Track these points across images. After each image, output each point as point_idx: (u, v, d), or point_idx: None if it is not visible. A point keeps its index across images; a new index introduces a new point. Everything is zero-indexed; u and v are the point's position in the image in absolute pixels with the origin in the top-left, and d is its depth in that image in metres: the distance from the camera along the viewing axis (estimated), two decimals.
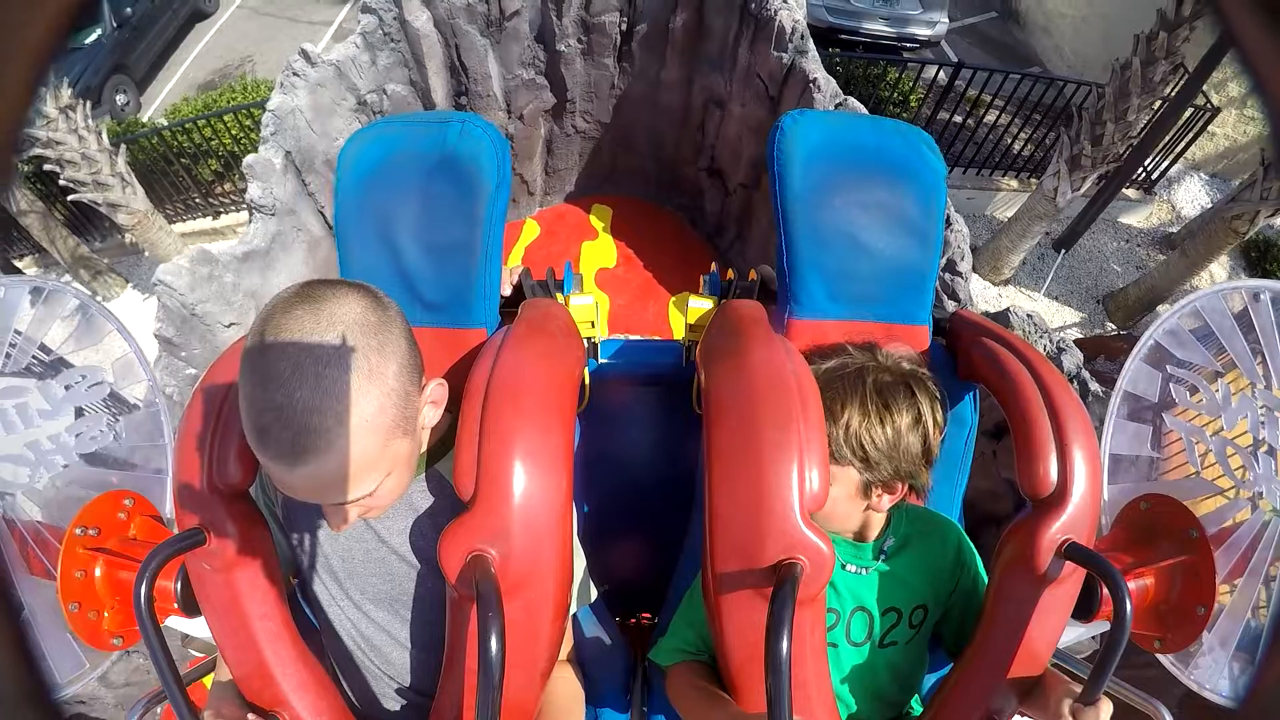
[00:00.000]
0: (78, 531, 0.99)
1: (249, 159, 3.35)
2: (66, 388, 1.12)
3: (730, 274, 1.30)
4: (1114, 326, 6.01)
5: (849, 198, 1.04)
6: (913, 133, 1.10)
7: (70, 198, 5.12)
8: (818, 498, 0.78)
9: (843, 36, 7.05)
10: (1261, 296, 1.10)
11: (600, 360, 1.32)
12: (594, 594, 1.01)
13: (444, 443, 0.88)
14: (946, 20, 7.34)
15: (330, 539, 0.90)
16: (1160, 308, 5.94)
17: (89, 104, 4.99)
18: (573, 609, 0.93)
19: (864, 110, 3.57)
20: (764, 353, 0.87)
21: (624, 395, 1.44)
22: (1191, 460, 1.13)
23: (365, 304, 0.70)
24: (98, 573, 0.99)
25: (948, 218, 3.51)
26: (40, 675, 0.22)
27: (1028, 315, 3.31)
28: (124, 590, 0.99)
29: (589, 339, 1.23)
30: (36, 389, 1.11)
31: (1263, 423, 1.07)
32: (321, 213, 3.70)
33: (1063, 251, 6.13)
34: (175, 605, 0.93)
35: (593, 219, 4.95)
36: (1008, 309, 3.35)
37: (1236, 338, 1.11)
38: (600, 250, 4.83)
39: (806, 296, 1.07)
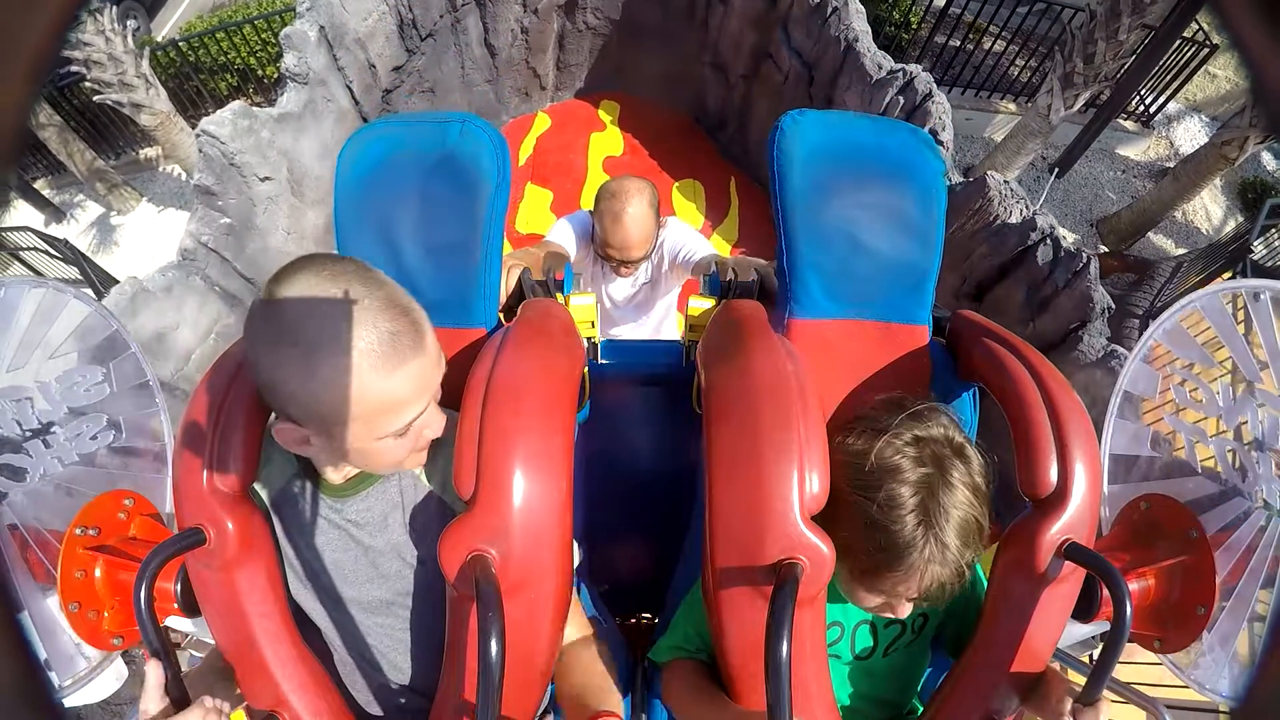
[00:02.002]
0: (78, 531, 0.99)
1: (286, 30, 3.65)
2: (66, 388, 1.12)
3: (731, 274, 1.30)
4: (1106, 249, 6.28)
5: (849, 197, 1.04)
6: (912, 132, 1.10)
7: (96, 98, 5.31)
8: (818, 498, 0.78)
9: None
10: (1261, 296, 1.10)
11: (600, 360, 1.32)
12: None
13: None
14: None
15: (318, 555, 0.89)
16: (1151, 234, 6.23)
17: (114, 7, 5.16)
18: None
19: (856, 1, 3.77)
20: (764, 353, 0.87)
21: (624, 395, 1.44)
22: (1191, 460, 1.13)
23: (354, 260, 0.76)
24: (98, 573, 0.99)
25: (930, 92, 3.55)
26: (40, 676, 0.22)
27: (1004, 180, 3.32)
28: (124, 590, 0.99)
29: (589, 339, 1.23)
30: (37, 389, 1.11)
31: (1263, 423, 1.07)
32: (349, 87, 4.05)
33: (1055, 171, 6.36)
34: (175, 605, 0.93)
35: (601, 113, 5.19)
36: (986, 174, 3.36)
37: (1236, 337, 1.11)
38: (608, 140, 5.07)
39: (806, 296, 1.07)
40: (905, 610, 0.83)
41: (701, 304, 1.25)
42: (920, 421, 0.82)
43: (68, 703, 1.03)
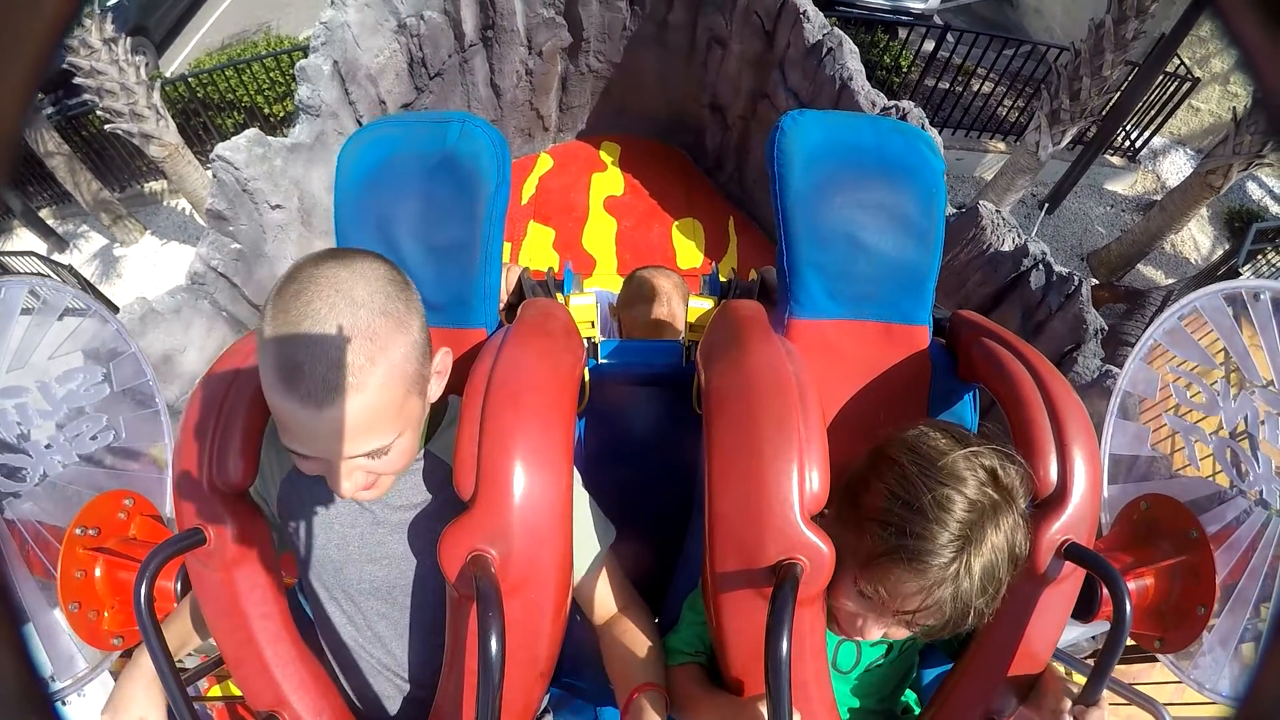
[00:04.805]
0: (78, 531, 0.99)
1: (301, 62, 3.74)
2: (67, 388, 1.12)
3: (730, 274, 1.31)
4: (1096, 281, 6.36)
5: (849, 197, 1.04)
6: (912, 132, 1.10)
7: (107, 127, 5.38)
8: (818, 498, 0.78)
9: (840, 9, 7.30)
10: (1261, 296, 1.10)
11: (600, 360, 1.32)
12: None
13: (434, 421, 0.90)
14: None
15: (326, 529, 0.89)
16: (1140, 265, 6.37)
17: (128, 39, 5.19)
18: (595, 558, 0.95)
19: (850, 42, 3.84)
20: (764, 353, 0.87)
21: (624, 395, 1.44)
22: (1191, 460, 1.13)
23: (389, 265, 0.74)
24: (98, 573, 0.99)
25: (921, 126, 3.65)
26: (40, 676, 0.22)
27: (995, 210, 3.38)
28: (124, 590, 0.99)
29: (589, 339, 1.23)
30: (36, 389, 1.11)
31: (1262, 422, 1.07)
32: (360, 121, 4.12)
33: (1045, 207, 6.50)
34: (175, 605, 0.93)
35: (602, 154, 5.32)
36: (977, 203, 3.42)
37: (1236, 337, 1.11)
38: (609, 180, 5.18)
39: (806, 296, 1.07)
40: (873, 632, 0.81)
41: (701, 304, 1.25)
42: (1004, 466, 0.78)
43: (65, 708, 1.03)
